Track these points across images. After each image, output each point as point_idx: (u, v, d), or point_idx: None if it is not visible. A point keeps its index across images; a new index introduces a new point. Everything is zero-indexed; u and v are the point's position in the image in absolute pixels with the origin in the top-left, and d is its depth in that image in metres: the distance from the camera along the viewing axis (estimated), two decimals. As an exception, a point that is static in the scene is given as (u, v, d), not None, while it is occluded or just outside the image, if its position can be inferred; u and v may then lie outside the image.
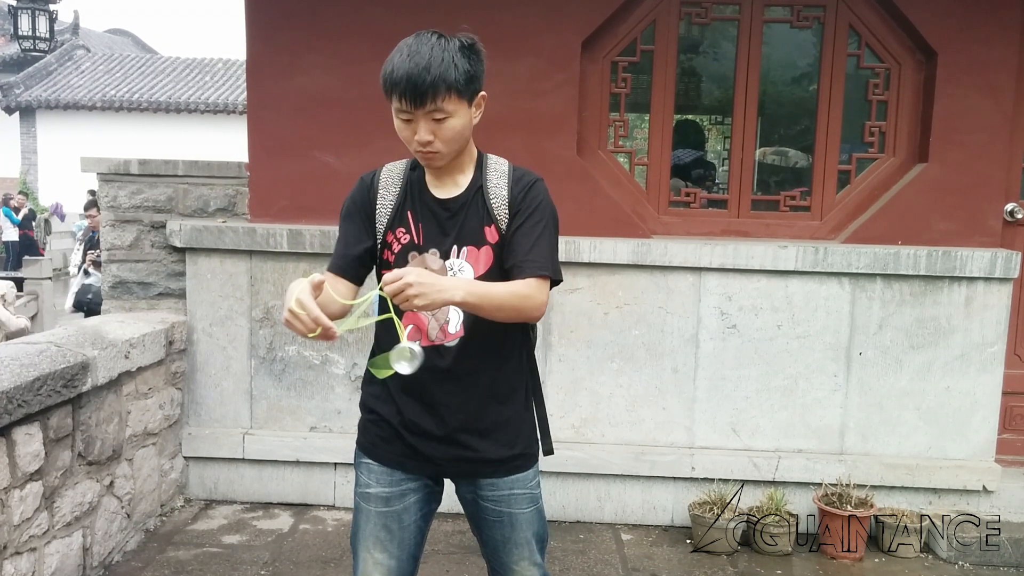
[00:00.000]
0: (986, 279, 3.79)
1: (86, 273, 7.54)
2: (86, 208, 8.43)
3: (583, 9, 3.86)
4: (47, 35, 20.77)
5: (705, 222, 4.08)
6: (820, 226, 4.04)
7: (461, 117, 1.83)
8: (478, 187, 1.94)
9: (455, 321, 1.92)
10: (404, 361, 1.77)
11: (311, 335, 1.66)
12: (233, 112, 19.82)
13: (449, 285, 1.72)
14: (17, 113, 20.59)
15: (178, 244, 3.98)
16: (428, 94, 1.77)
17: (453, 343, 1.92)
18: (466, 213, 1.92)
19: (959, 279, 3.80)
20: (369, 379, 2.04)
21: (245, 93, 4.14)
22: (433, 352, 1.90)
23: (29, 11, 20.19)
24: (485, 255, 1.92)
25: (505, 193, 1.93)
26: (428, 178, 1.96)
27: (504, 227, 1.92)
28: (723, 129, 4.42)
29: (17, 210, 16.67)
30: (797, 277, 3.84)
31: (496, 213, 1.92)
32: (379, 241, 1.96)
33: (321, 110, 3.95)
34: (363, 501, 2.02)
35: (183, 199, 4.08)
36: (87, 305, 7.24)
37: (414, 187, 1.96)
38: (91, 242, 7.92)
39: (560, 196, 2.12)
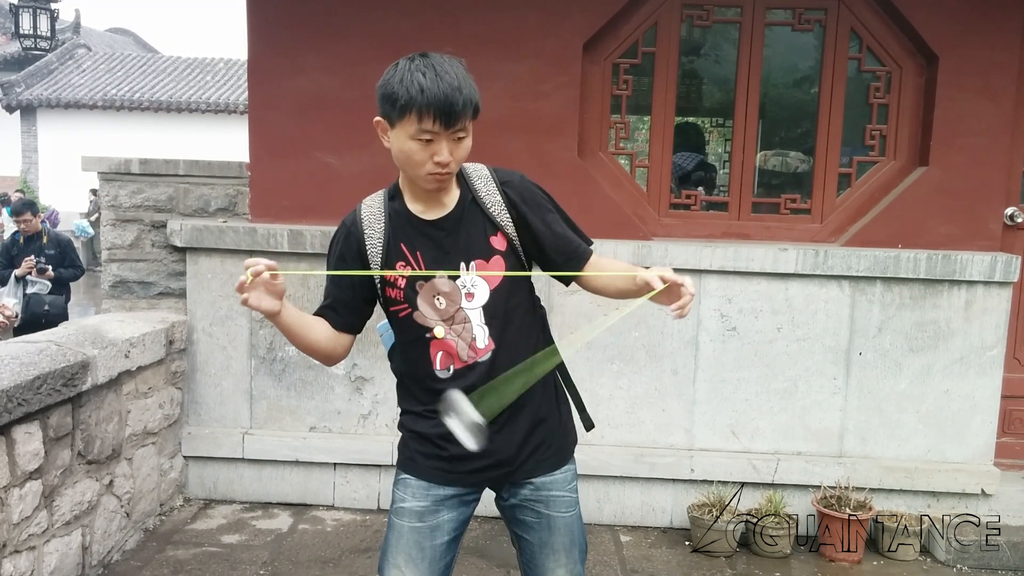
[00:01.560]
0: (986, 283, 3.80)
1: (26, 282, 6.57)
2: (17, 212, 6.95)
3: (585, 11, 3.87)
4: (48, 34, 20.80)
5: (705, 224, 4.08)
6: (820, 229, 4.04)
7: (470, 137, 1.84)
8: (469, 199, 1.92)
9: (482, 336, 1.89)
10: (471, 436, 1.78)
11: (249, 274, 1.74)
12: (234, 112, 19.81)
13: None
14: (18, 112, 20.56)
15: (179, 244, 3.98)
16: (461, 115, 1.75)
17: (485, 358, 1.90)
18: (464, 228, 1.90)
19: (959, 283, 3.80)
20: (402, 404, 2.03)
21: (246, 93, 4.14)
22: (468, 371, 1.89)
23: (30, 10, 20.21)
24: (496, 264, 1.91)
25: (499, 199, 1.93)
26: (411, 204, 1.92)
27: (512, 232, 1.92)
28: (724, 131, 4.43)
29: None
30: (797, 280, 3.84)
31: (499, 220, 1.91)
32: (378, 280, 1.93)
33: (322, 111, 3.95)
34: (396, 517, 1.99)
35: (184, 199, 4.09)
36: (44, 317, 6.32)
37: (399, 217, 1.91)
38: (17, 245, 6.81)
39: (561, 197, 2.12)
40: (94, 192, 16.28)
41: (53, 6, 20.73)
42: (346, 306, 1.98)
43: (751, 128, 4.03)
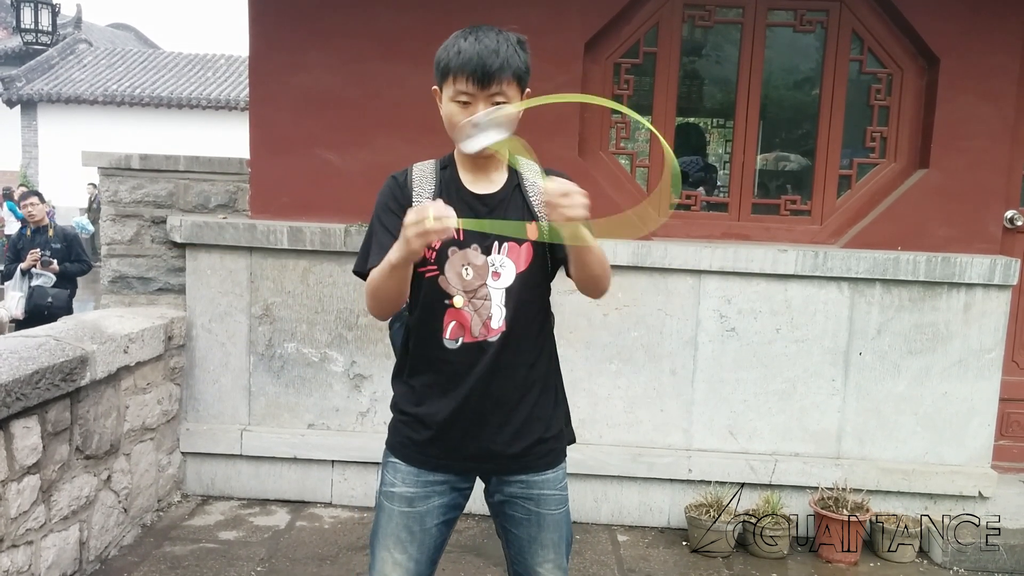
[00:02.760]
0: (985, 286, 3.80)
1: (29, 275, 6.47)
2: (23, 197, 6.80)
3: (586, 10, 3.87)
4: (49, 29, 20.78)
5: (705, 225, 4.09)
6: (820, 230, 4.04)
7: (513, 105, 1.86)
8: (515, 184, 1.97)
9: (498, 316, 1.91)
10: (493, 131, 1.77)
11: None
12: (235, 108, 19.79)
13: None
14: (19, 106, 20.54)
15: (178, 240, 3.98)
16: (495, 76, 1.81)
17: (495, 338, 1.91)
18: (506, 209, 1.94)
19: (958, 285, 3.81)
20: (397, 379, 2.04)
21: (247, 89, 4.14)
22: (476, 348, 1.91)
23: (32, 4, 20.19)
24: (526, 251, 1.94)
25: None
26: (462, 175, 1.96)
27: (545, 225, 1.96)
28: (724, 132, 4.43)
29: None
30: (796, 281, 3.84)
31: (538, 211, 1.96)
32: None
33: (323, 107, 3.95)
34: (387, 500, 2.00)
35: (184, 195, 4.08)
36: (47, 310, 6.29)
37: (449, 184, 1.95)
38: (23, 239, 6.73)
39: (561, 197, 2.11)
40: (93, 186, 16.25)
41: (55, 1, 20.71)
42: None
43: (752, 129, 4.03)
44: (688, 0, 3.96)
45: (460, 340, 1.92)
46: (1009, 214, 4.04)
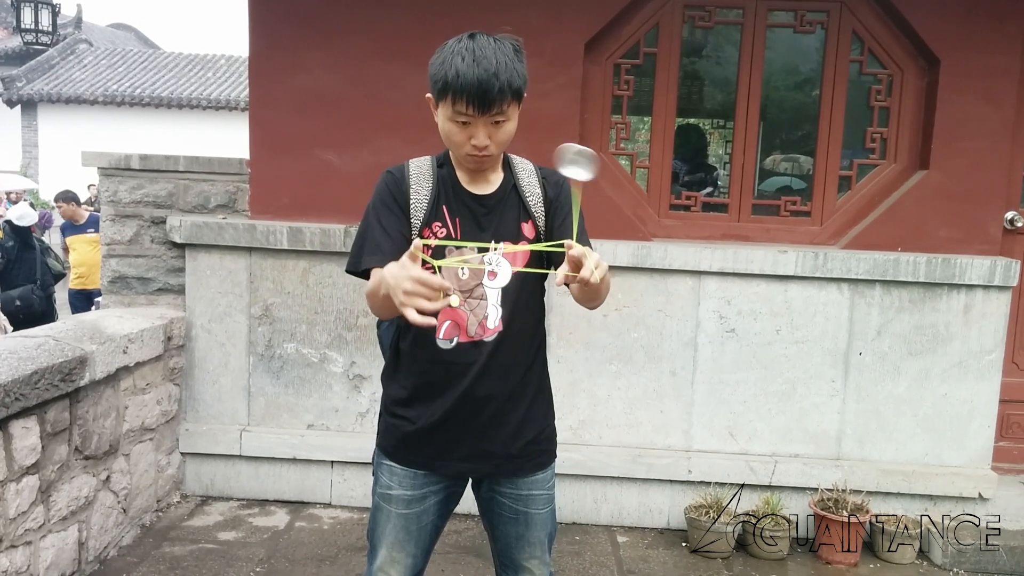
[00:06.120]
0: (985, 287, 3.80)
1: None
2: None
3: (586, 11, 3.86)
4: (50, 29, 20.76)
5: (705, 226, 4.08)
6: (820, 231, 4.04)
7: (514, 120, 1.87)
8: (512, 185, 1.98)
9: (493, 316, 1.93)
10: (580, 167, 1.72)
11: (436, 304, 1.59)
12: (235, 109, 19.81)
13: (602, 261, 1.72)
14: (19, 106, 20.57)
15: (178, 240, 3.98)
16: (496, 101, 1.78)
17: (491, 338, 1.93)
18: (502, 209, 1.96)
19: (958, 286, 3.80)
20: (390, 379, 2.05)
21: (247, 90, 4.14)
22: (471, 348, 1.92)
23: (32, 4, 20.18)
24: (523, 251, 1.96)
25: (539, 191, 1.99)
26: (460, 175, 1.97)
27: (541, 224, 1.98)
28: (725, 133, 4.42)
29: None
30: (796, 282, 3.84)
31: (533, 211, 1.97)
32: (414, 236, 1.95)
33: (323, 108, 3.95)
34: (384, 501, 2.04)
35: (184, 195, 4.08)
36: (21, 313, 6.36)
37: (446, 183, 1.96)
38: None
39: (560, 198, 2.12)
40: (93, 187, 16.23)
41: (55, 1, 20.71)
42: (398, 253, 1.91)
43: (752, 130, 4.03)
44: (688, 1, 3.96)
45: (455, 340, 1.93)
46: (1009, 215, 4.04)
